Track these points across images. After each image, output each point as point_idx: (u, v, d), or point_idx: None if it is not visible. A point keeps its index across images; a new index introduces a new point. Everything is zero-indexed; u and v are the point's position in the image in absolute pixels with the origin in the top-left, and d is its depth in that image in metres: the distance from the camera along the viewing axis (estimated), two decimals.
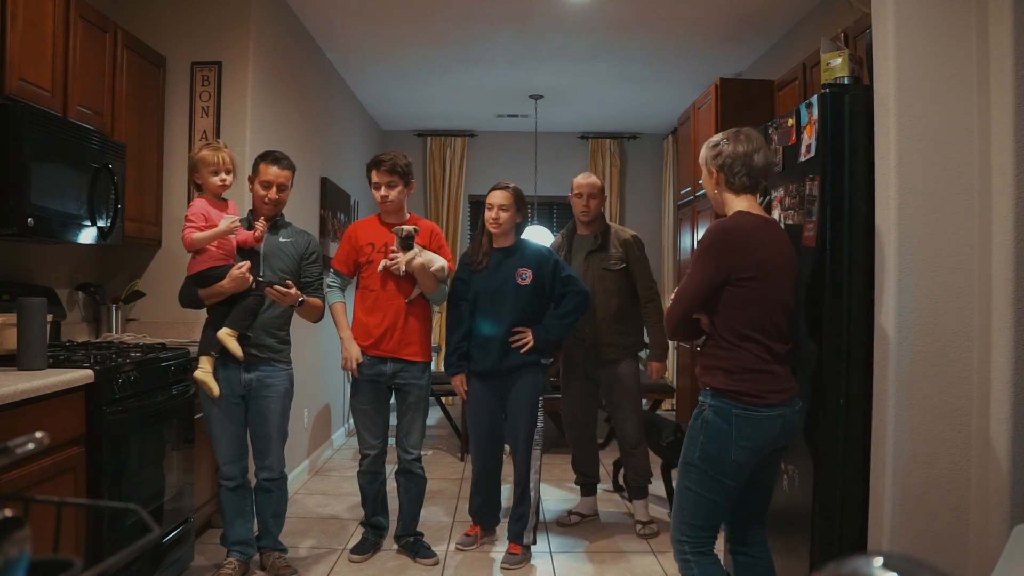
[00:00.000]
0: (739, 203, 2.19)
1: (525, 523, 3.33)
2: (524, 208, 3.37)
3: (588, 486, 3.93)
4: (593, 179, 3.80)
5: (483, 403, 3.35)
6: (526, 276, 3.28)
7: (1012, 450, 2.12)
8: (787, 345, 2.16)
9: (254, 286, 2.89)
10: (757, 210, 2.19)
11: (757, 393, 2.09)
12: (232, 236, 2.90)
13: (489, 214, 3.30)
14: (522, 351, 3.26)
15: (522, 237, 3.41)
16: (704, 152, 2.24)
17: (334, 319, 3.32)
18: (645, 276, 3.73)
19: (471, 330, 3.34)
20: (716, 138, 2.24)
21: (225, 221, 2.84)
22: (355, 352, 3.24)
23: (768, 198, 2.77)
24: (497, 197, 3.30)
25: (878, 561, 0.62)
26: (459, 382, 3.37)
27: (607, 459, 4.58)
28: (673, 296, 2.21)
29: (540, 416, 3.32)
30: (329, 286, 3.32)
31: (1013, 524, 1.83)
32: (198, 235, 2.80)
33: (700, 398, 2.20)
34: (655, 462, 3.97)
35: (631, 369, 3.73)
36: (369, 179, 3.36)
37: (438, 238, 3.38)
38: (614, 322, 3.66)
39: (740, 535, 2.30)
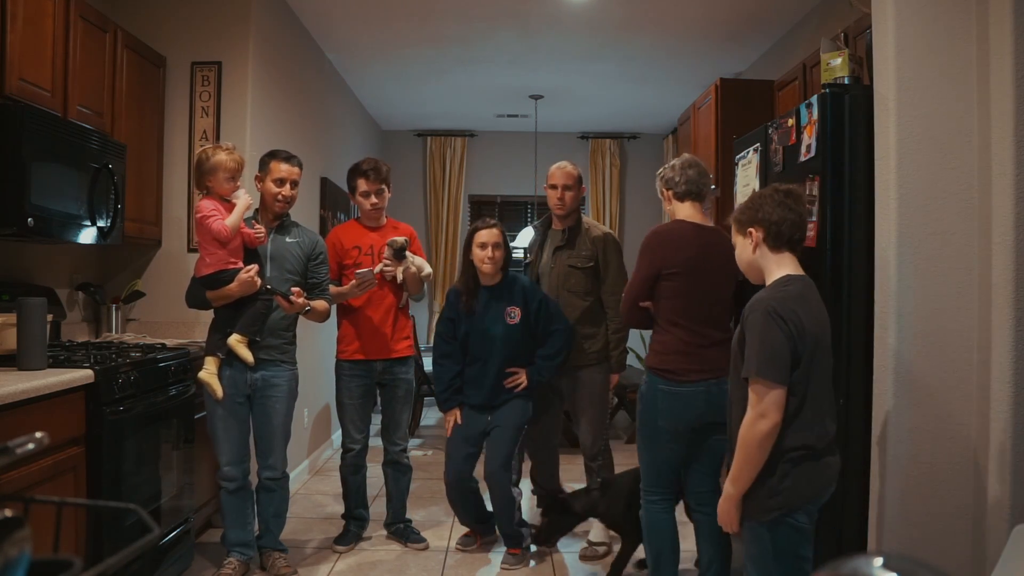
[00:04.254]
0: (682, 210, 2.62)
1: (521, 526, 3.35)
2: (509, 246, 3.32)
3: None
4: (568, 168, 3.44)
5: (468, 427, 3.32)
6: (515, 315, 3.26)
7: (1012, 450, 2.12)
8: (724, 332, 2.49)
9: (263, 291, 2.90)
10: (697, 218, 2.61)
11: (679, 371, 2.47)
12: (244, 229, 2.92)
13: (483, 253, 3.19)
14: (515, 391, 3.26)
15: (510, 272, 3.33)
16: (656, 185, 2.74)
17: (339, 295, 3.32)
18: (612, 279, 3.38)
19: (463, 366, 3.32)
20: (660, 170, 2.74)
21: (240, 198, 2.84)
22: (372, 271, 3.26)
23: None
24: (492, 236, 3.21)
25: (878, 561, 0.62)
26: (453, 417, 3.34)
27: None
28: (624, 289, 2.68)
29: (519, 440, 3.31)
30: None
31: (1013, 524, 1.83)
32: (229, 220, 2.79)
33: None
34: None
35: (596, 376, 3.39)
36: (353, 187, 3.45)
37: (415, 242, 3.53)
38: (579, 326, 3.36)
39: (691, 502, 2.67)
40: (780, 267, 1.97)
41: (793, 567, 1.86)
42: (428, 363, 3.48)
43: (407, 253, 3.35)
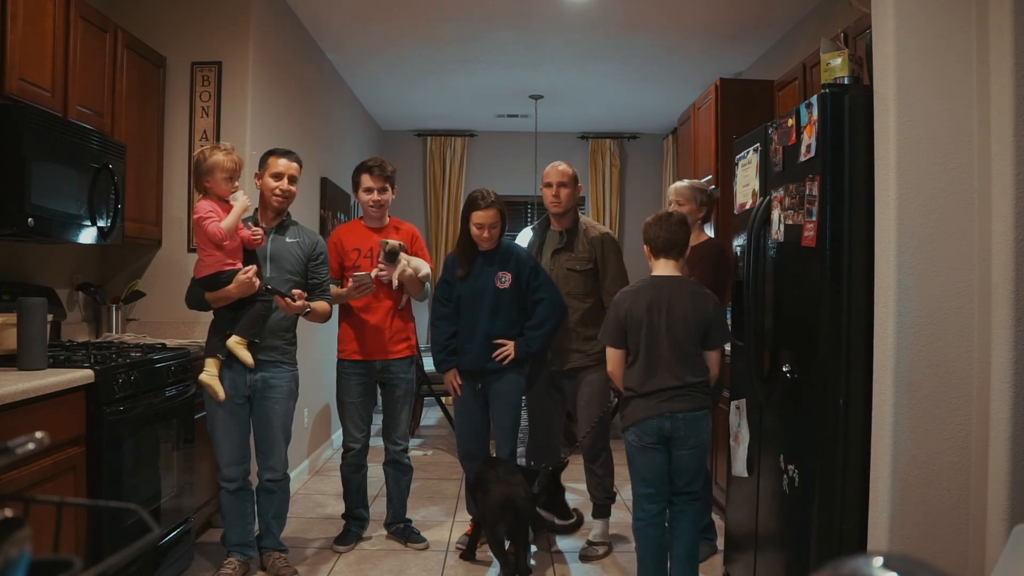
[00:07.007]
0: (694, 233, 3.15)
1: None
2: (506, 219, 3.31)
3: None
4: (563, 167, 3.48)
5: (467, 402, 3.35)
6: (505, 280, 3.26)
7: (1012, 450, 2.12)
8: None
9: (262, 292, 2.89)
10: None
11: None
12: (242, 231, 2.91)
13: (480, 234, 3.21)
14: (503, 363, 3.24)
15: (505, 240, 3.36)
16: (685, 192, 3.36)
17: (338, 297, 3.33)
18: (611, 280, 3.37)
19: (457, 328, 3.34)
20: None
21: (238, 199, 2.83)
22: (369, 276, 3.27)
23: (767, 199, 2.78)
24: (488, 217, 3.20)
25: (878, 561, 0.62)
26: (452, 377, 3.34)
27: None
28: None
29: (523, 415, 3.32)
30: None
31: (1013, 524, 1.83)
32: (225, 222, 2.77)
33: None
34: None
35: (597, 377, 3.35)
36: (357, 183, 3.45)
37: (418, 241, 3.53)
38: (579, 328, 3.36)
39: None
40: (655, 270, 2.76)
41: (631, 461, 2.75)
42: (428, 363, 3.48)
43: (402, 255, 3.34)
